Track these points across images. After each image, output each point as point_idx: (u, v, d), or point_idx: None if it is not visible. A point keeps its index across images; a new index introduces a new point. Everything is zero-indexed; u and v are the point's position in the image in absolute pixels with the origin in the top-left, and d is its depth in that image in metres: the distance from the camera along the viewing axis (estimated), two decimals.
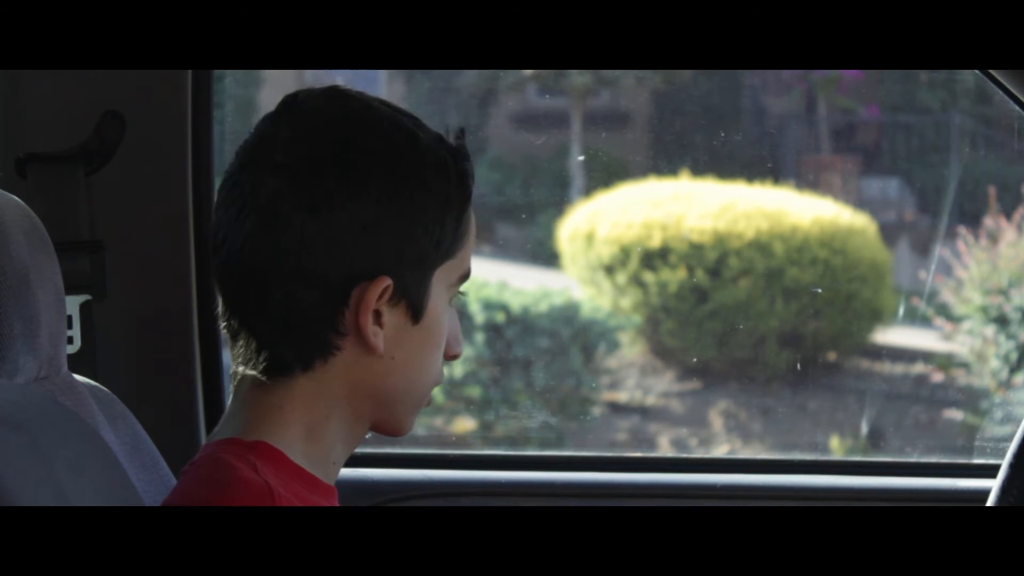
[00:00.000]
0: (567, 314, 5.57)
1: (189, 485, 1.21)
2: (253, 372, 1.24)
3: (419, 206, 1.22)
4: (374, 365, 1.23)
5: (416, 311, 1.23)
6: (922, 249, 6.24)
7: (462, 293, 1.30)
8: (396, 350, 1.24)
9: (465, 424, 5.21)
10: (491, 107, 6.30)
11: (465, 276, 1.28)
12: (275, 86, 6.09)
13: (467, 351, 5.34)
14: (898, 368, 5.62)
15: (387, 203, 1.21)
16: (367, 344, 1.21)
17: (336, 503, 1.28)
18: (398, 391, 1.26)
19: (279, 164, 1.22)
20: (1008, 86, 1.56)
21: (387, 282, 1.21)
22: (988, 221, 5.26)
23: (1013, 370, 5.03)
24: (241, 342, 1.24)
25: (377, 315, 1.22)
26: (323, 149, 1.22)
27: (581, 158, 6.36)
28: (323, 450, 1.25)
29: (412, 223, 1.22)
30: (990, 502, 1.53)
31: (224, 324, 1.26)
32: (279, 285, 1.22)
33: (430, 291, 1.24)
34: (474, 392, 5.24)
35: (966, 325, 5.15)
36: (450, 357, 1.30)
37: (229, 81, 2.07)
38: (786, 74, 6.14)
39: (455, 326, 1.31)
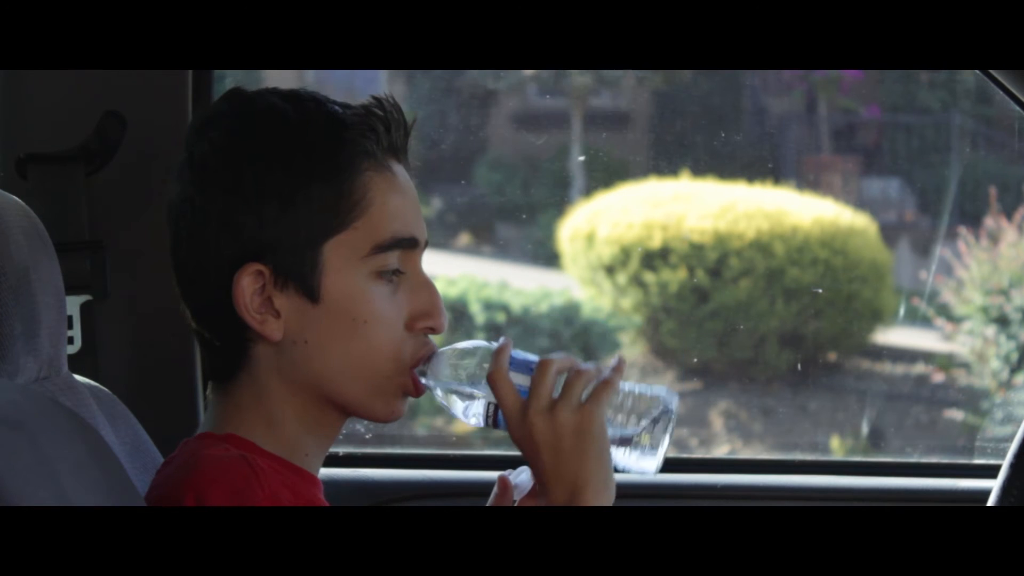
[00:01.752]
0: (568, 314, 5.57)
1: (164, 476, 1.23)
2: (210, 379, 1.28)
3: (273, 191, 1.20)
4: (292, 352, 1.23)
5: (309, 291, 1.21)
6: (923, 249, 6.24)
7: (398, 272, 1.24)
8: (307, 333, 1.22)
9: (465, 424, 5.20)
10: (491, 107, 6.29)
11: (388, 245, 1.23)
12: (275, 86, 6.07)
13: None
14: (899, 368, 5.61)
15: (237, 195, 1.21)
16: (260, 332, 1.22)
17: (320, 491, 1.28)
18: (332, 375, 1.23)
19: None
20: (1008, 86, 1.56)
21: (255, 267, 1.21)
22: (989, 221, 5.26)
23: (1014, 370, 5.03)
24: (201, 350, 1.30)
25: (270, 302, 1.22)
26: (189, 154, 1.25)
27: (581, 158, 6.35)
28: (291, 443, 1.26)
29: (269, 208, 1.20)
30: (990, 502, 1.53)
31: None
32: (187, 290, 1.26)
33: (322, 268, 1.21)
34: None
35: (967, 325, 5.14)
36: (422, 330, 1.25)
37: (229, 81, 2.07)
38: (786, 74, 6.13)
39: (422, 300, 1.25)
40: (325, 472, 1.91)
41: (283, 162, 1.21)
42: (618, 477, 1.95)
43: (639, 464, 1.23)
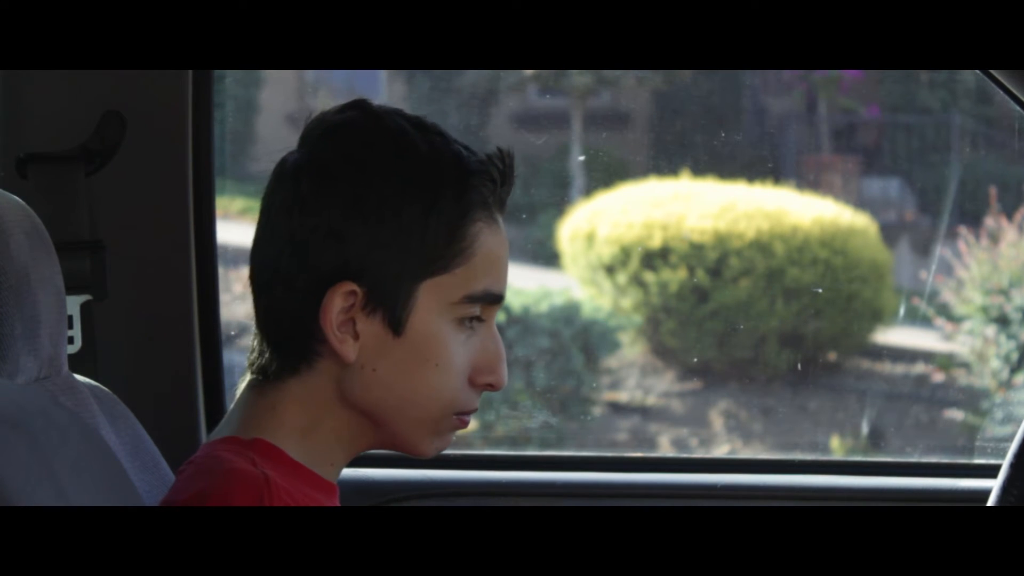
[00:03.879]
0: (568, 314, 5.57)
1: (185, 480, 1.21)
2: (251, 373, 1.26)
3: (393, 215, 1.20)
4: (358, 376, 1.22)
5: (395, 323, 1.21)
6: (923, 249, 6.24)
7: (478, 319, 1.24)
8: (378, 362, 1.22)
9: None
10: (491, 107, 6.29)
11: (478, 298, 1.23)
12: (275, 86, 6.09)
13: None
14: (899, 368, 5.61)
15: (356, 209, 1.20)
16: (337, 351, 1.21)
17: (337, 501, 1.28)
18: (388, 407, 1.23)
19: (278, 172, 1.25)
20: (1008, 86, 1.55)
21: (351, 287, 1.20)
22: (989, 221, 5.27)
23: (1014, 370, 5.03)
24: (251, 344, 1.27)
25: (352, 324, 1.21)
26: (312, 156, 1.23)
27: (581, 158, 6.35)
28: (320, 451, 1.25)
29: (384, 232, 1.20)
30: (991, 502, 1.53)
31: None
32: (266, 288, 1.24)
33: (413, 304, 1.21)
34: None
35: (967, 325, 5.15)
36: (480, 386, 1.26)
37: (229, 81, 2.07)
38: (786, 74, 6.13)
39: (490, 354, 1.25)
40: None
41: (409, 191, 1.20)
42: (619, 476, 1.96)
43: None
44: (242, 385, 1.28)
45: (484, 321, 1.25)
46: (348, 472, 1.86)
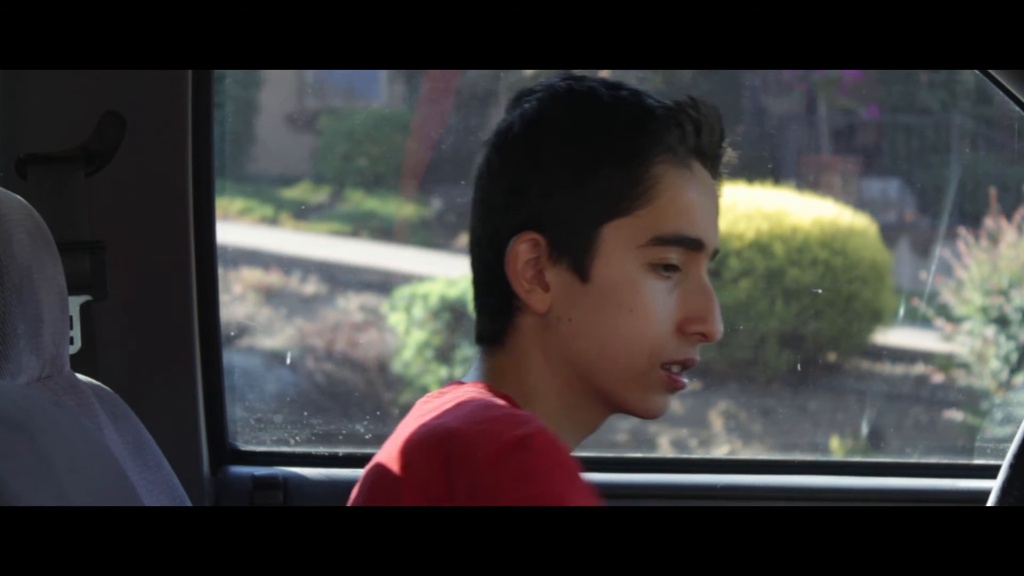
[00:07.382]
0: None
1: (472, 409, 1.14)
2: (476, 344, 1.29)
3: (566, 162, 1.22)
4: (556, 328, 1.23)
5: (580, 269, 1.22)
6: (922, 250, 6.24)
7: (671, 266, 1.21)
8: (571, 311, 1.22)
9: None
10: (491, 107, 6.29)
11: (669, 240, 1.21)
12: (275, 86, 6.08)
13: (469, 350, 5.33)
14: (898, 369, 5.61)
15: (532, 162, 1.23)
16: (526, 302, 1.23)
17: None
18: (590, 357, 1.23)
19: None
20: (1008, 86, 1.56)
21: (532, 236, 1.22)
22: (988, 222, 5.26)
23: (1013, 371, 5.03)
24: None
25: (542, 275, 1.22)
26: (501, 124, 1.28)
27: None
28: (547, 420, 1.21)
29: (558, 179, 1.22)
30: (990, 503, 1.53)
31: None
32: (472, 251, 1.28)
33: (597, 248, 1.21)
34: None
35: (966, 326, 5.14)
36: (691, 335, 1.23)
37: (229, 81, 2.07)
38: (786, 74, 6.13)
39: (697, 302, 1.22)
40: (326, 472, 1.90)
41: (582, 138, 1.22)
42: (619, 476, 1.95)
43: None
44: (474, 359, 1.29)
45: (687, 270, 1.23)
46: (349, 472, 1.87)
